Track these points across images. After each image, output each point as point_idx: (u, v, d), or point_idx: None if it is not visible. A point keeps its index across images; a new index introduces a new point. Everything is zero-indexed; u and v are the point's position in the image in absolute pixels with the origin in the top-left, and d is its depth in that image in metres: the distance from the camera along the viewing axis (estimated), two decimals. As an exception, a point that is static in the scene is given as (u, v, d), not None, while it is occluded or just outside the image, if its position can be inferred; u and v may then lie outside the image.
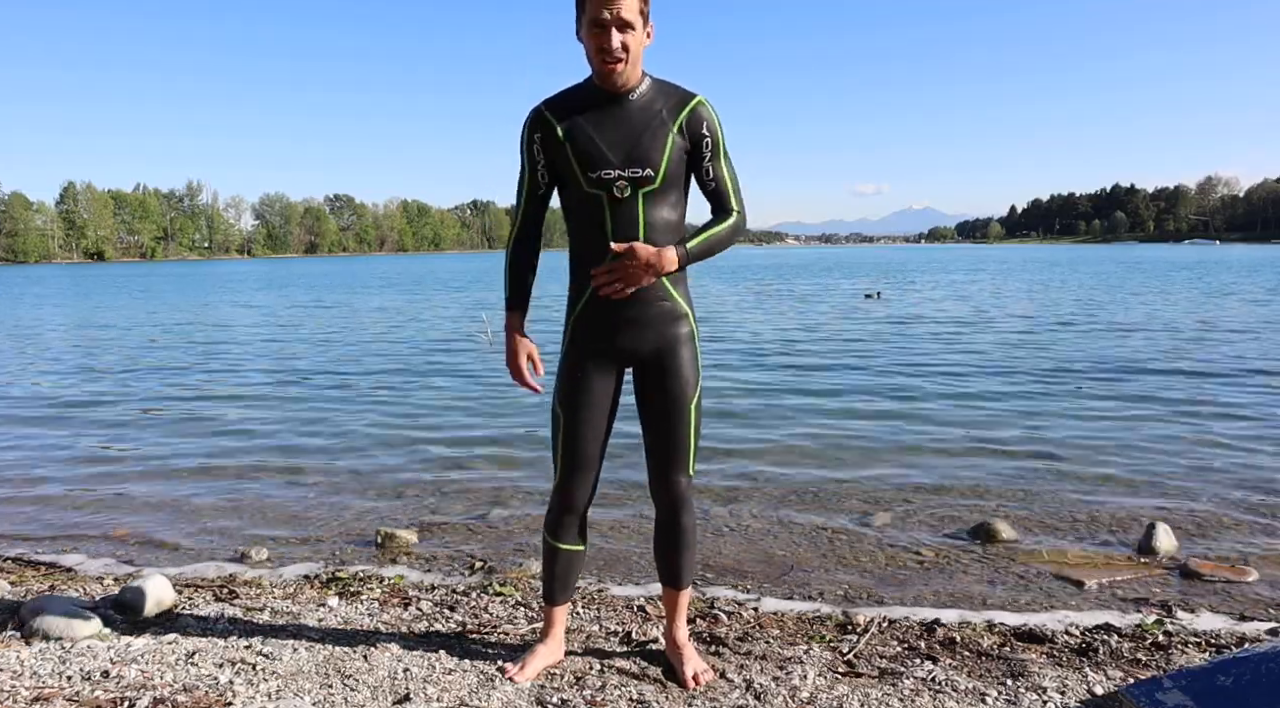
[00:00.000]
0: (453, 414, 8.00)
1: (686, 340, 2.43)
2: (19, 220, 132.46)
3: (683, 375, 2.41)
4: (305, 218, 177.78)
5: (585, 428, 2.44)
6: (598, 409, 2.44)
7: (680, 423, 2.43)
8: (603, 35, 2.20)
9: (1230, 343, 12.38)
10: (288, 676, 2.56)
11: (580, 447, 2.45)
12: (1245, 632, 3.07)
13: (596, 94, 2.33)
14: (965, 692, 2.48)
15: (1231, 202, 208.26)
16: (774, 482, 5.49)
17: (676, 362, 2.41)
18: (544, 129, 2.35)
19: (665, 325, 2.40)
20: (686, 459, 2.46)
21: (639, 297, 2.35)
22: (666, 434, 2.43)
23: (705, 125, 2.33)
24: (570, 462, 2.47)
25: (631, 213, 2.30)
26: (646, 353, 2.41)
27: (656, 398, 2.43)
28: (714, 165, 2.38)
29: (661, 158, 2.29)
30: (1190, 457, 5.90)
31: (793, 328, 15.84)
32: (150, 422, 7.99)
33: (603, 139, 2.30)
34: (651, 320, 2.38)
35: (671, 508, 2.50)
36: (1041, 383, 9.09)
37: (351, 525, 4.83)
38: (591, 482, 2.51)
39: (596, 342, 2.41)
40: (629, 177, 2.28)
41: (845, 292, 27.30)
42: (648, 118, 2.30)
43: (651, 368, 2.42)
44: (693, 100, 2.33)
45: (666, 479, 2.47)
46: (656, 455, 2.46)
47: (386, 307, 24.38)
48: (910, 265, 57.09)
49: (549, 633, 2.67)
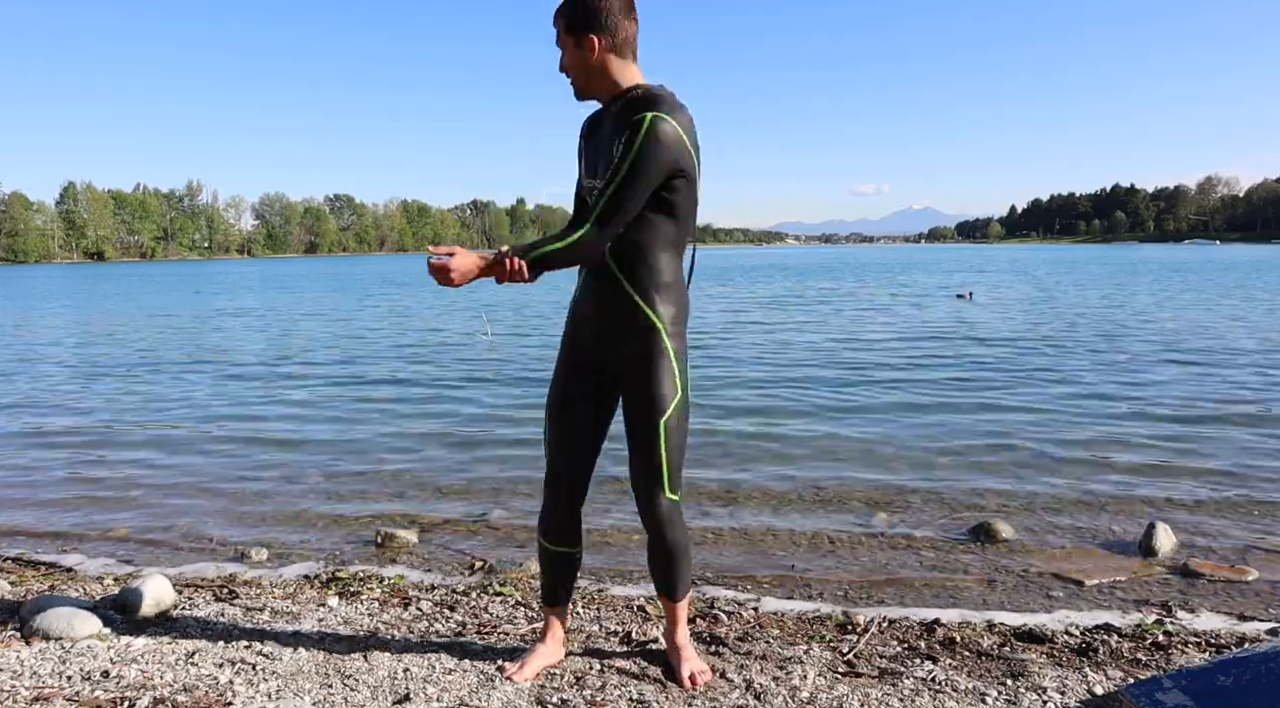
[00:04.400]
0: (453, 414, 8.00)
1: (659, 355, 2.33)
2: (19, 220, 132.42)
3: (650, 392, 2.33)
4: (305, 218, 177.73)
5: (572, 428, 2.46)
6: (583, 413, 2.45)
7: (650, 441, 2.34)
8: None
9: (1234, 340, 12.38)
10: (288, 676, 2.56)
11: (567, 447, 2.47)
12: (1245, 632, 3.07)
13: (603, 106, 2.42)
14: (965, 692, 2.48)
15: (1231, 202, 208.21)
16: (774, 482, 5.49)
17: (646, 378, 2.33)
18: (581, 136, 2.50)
19: (633, 340, 2.34)
20: (660, 479, 2.37)
21: (606, 309, 2.35)
22: (638, 453, 2.38)
23: (626, 137, 2.21)
24: (559, 465, 2.49)
25: None
26: (619, 366, 2.39)
27: (630, 414, 2.39)
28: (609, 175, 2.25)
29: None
30: (1191, 456, 5.90)
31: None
32: (150, 422, 7.99)
33: (589, 150, 2.41)
34: (619, 334, 2.35)
35: (655, 527, 2.45)
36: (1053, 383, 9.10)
37: (351, 526, 4.83)
38: (582, 485, 2.52)
39: (575, 349, 2.46)
40: (597, 186, 2.31)
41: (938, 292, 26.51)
42: (611, 131, 2.32)
43: (625, 382, 2.39)
44: (636, 115, 2.22)
45: (642, 499, 2.42)
46: (634, 474, 2.42)
47: (386, 307, 24.38)
48: (933, 265, 57.05)
49: (549, 633, 2.67)
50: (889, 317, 18.14)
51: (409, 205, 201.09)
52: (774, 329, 15.84)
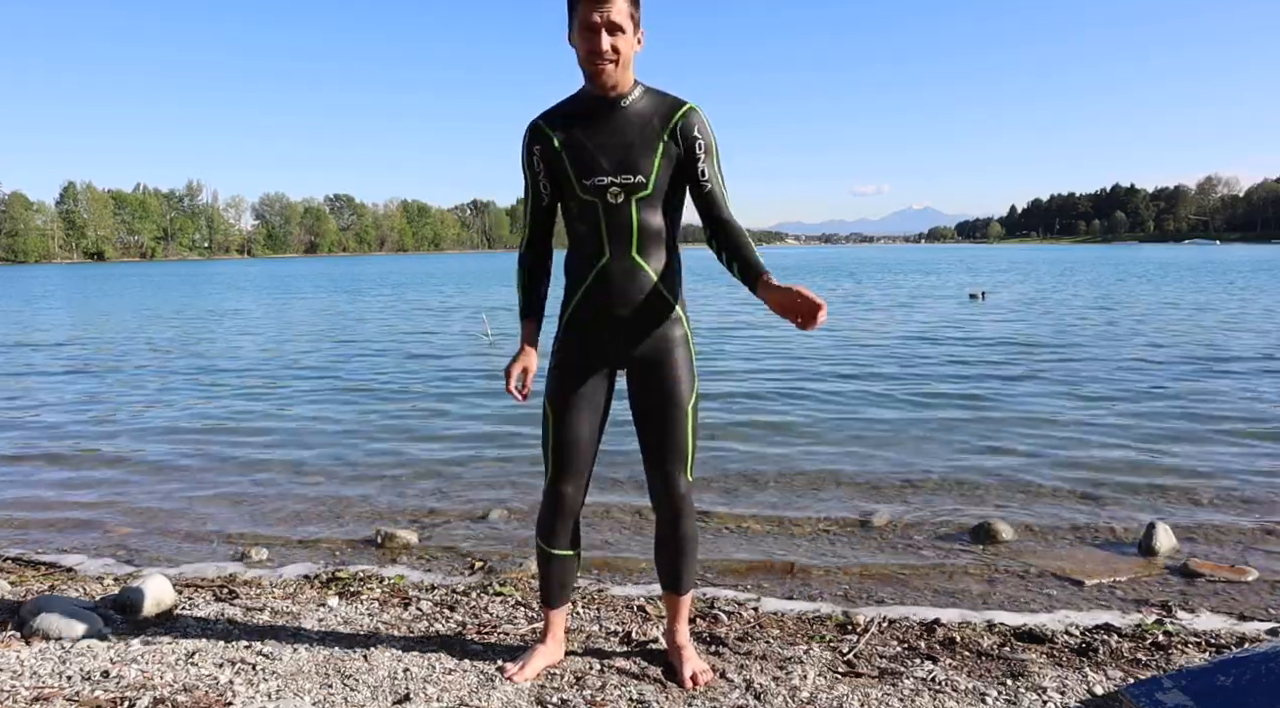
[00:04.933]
0: (453, 414, 8.00)
1: (681, 343, 2.44)
2: (19, 220, 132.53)
3: (679, 378, 2.42)
4: (305, 218, 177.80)
5: (575, 427, 2.44)
6: (588, 409, 2.45)
7: (679, 426, 2.42)
8: (593, 38, 2.22)
9: (1236, 341, 12.38)
10: (288, 676, 2.56)
11: (570, 447, 2.45)
12: (1245, 632, 3.07)
13: (590, 102, 2.35)
14: (965, 692, 2.48)
15: (1231, 202, 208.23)
16: (774, 481, 5.49)
17: (672, 364, 2.42)
18: (542, 141, 2.39)
19: (660, 327, 2.41)
20: (686, 462, 2.46)
21: (632, 299, 2.36)
22: (665, 438, 2.42)
23: (697, 129, 2.34)
24: (560, 462, 2.47)
25: (625, 218, 2.34)
26: (640, 355, 2.41)
27: (654, 401, 2.42)
28: (709, 167, 2.37)
29: (653, 165, 2.31)
30: (1191, 457, 5.90)
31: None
32: (149, 421, 7.99)
33: (596, 147, 2.32)
34: (646, 322, 2.39)
35: (673, 514, 2.49)
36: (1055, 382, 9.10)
37: (351, 526, 4.83)
38: (583, 484, 2.51)
39: (588, 342, 2.43)
40: (621, 183, 2.31)
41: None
42: (640, 125, 2.32)
43: (646, 371, 2.43)
44: (684, 107, 2.34)
45: (667, 484, 2.46)
46: (656, 460, 2.45)
47: (386, 307, 24.38)
48: (938, 265, 57.04)
49: (548, 634, 2.67)
50: (898, 316, 18.11)
51: (409, 205, 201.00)
52: (775, 328, 15.82)
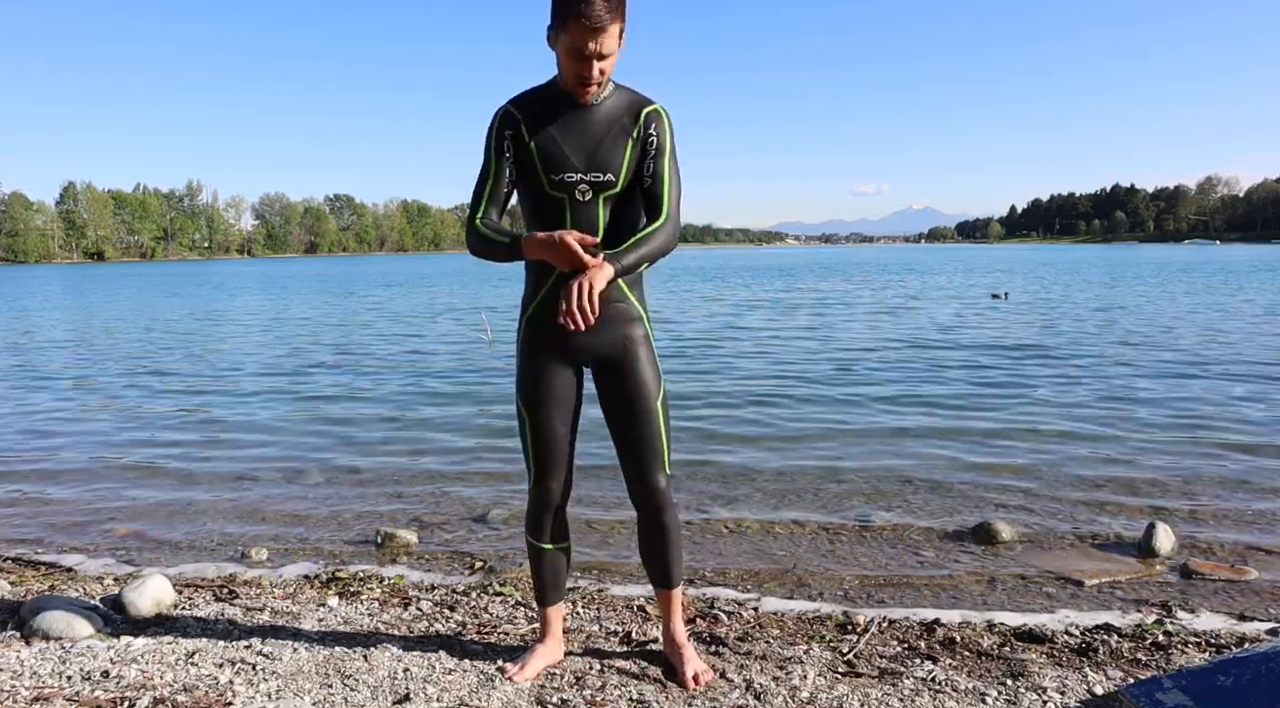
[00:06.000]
0: (454, 414, 8.00)
1: (643, 341, 2.45)
2: (19, 220, 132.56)
3: (644, 375, 2.44)
4: (305, 218, 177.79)
5: (551, 426, 2.46)
6: (561, 406, 2.46)
7: (650, 423, 2.44)
8: (584, 65, 2.21)
9: (1238, 341, 12.38)
10: (288, 676, 2.56)
11: (548, 445, 2.47)
12: (1245, 632, 3.07)
13: (562, 98, 2.34)
14: (965, 692, 2.48)
15: (1231, 202, 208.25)
16: (774, 482, 5.48)
17: (636, 363, 2.43)
18: (513, 128, 2.35)
19: (621, 326, 2.42)
20: (661, 457, 2.48)
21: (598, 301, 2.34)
22: (637, 435, 2.44)
23: (655, 127, 2.35)
24: (541, 461, 2.50)
25: (592, 216, 2.34)
26: (603, 354, 2.43)
27: (622, 400, 2.44)
28: (656, 162, 2.35)
29: (622, 163, 2.33)
30: (1191, 457, 5.90)
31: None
32: (149, 422, 7.99)
33: (567, 143, 2.32)
34: (606, 321, 2.38)
35: (653, 508, 2.51)
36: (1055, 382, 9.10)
37: (351, 526, 4.83)
38: (565, 478, 2.53)
39: (552, 341, 2.42)
40: (590, 181, 2.31)
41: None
42: (610, 124, 2.33)
43: (611, 369, 2.44)
44: (650, 107, 2.36)
45: (644, 480, 2.48)
46: (631, 458, 2.47)
47: (386, 307, 24.38)
48: (939, 265, 57.05)
49: (547, 633, 2.68)
50: (906, 316, 18.10)
51: (409, 205, 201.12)
52: (779, 329, 15.84)
